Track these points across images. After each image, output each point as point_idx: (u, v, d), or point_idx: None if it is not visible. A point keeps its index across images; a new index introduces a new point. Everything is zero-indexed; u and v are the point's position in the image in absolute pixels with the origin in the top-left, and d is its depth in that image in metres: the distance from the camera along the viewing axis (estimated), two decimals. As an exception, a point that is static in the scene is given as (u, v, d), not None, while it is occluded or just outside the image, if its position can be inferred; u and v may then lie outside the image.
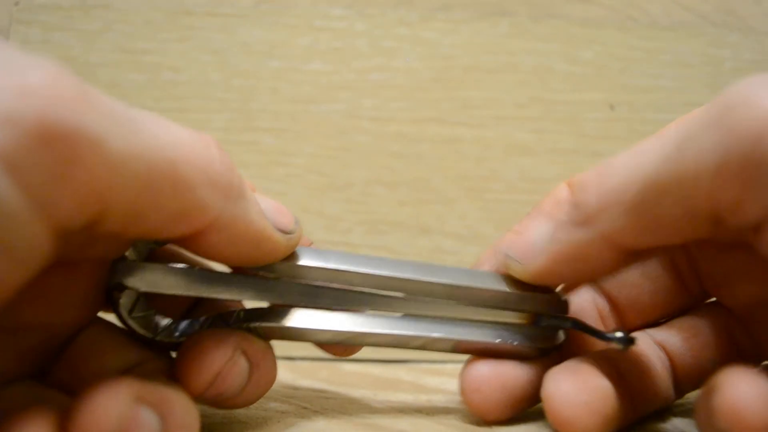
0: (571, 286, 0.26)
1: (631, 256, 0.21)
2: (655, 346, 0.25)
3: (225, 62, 0.43)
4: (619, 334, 0.22)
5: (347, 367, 0.35)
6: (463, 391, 0.23)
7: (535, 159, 0.43)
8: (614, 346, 0.22)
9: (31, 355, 0.20)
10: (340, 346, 0.24)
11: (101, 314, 0.22)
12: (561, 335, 0.25)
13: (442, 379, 0.33)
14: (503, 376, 0.23)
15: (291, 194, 0.42)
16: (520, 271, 0.24)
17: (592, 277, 0.24)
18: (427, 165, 0.43)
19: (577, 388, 0.21)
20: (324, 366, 0.35)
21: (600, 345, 0.24)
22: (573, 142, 0.43)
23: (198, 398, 0.20)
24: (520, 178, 0.43)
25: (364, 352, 0.27)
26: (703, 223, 0.18)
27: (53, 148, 0.14)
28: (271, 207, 0.21)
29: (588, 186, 0.21)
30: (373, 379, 0.32)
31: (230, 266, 0.22)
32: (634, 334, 0.25)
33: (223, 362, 0.20)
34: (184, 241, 0.19)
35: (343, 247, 0.41)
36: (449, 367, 0.37)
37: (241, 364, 0.21)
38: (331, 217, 0.42)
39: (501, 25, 0.44)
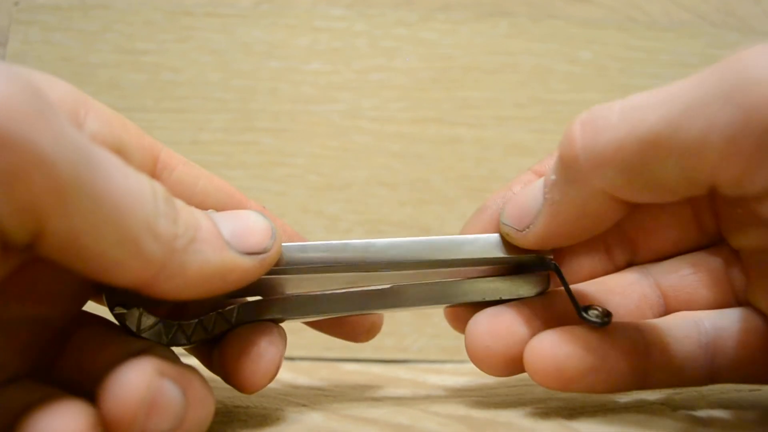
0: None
1: (634, 206, 0.21)
2: (649, 287, 0.25)
3: (224, 63, 0.43)
4: (594, 313, 0.22)
5: (346, 366, 0.35)
6: (468, 344, 0.23)
7: (535, 159, 0.43)
8: (590, 324, 0.22)
9: (26, 350, 0.20)
10: (364, 331, 0.26)
11: (95, 310, 0.22)
12: (546, 280, 0.25)
13: (441, 377, 0.33)
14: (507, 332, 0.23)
15: (291, 194, 0.42)
16: (519, 239, 0.23)
17: (597, 231, 0.23)
18: (427, 165, 0.43)
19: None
20: (323, 365, 0.35)
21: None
22: (573, 142, 0.43)
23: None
24: (520, 178, 0.43)
25: (364, 352, 0.27)
26: (700, 188, 0.18)
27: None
28: (238, 230, 0.20)
29: (576, 141, 0.20)
30: (373, 378, 0.32)
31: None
32: (633, 272, 0.25)
33: (281, 353, 0.22)
34: (139, 289, 0.18)
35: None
36: (448, 366, 0.37)
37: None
38: (330, 217, 0.42)
39: (501, 25, 0.44)
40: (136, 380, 0.16)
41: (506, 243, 0.24)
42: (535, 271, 0.25)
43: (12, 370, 0.19)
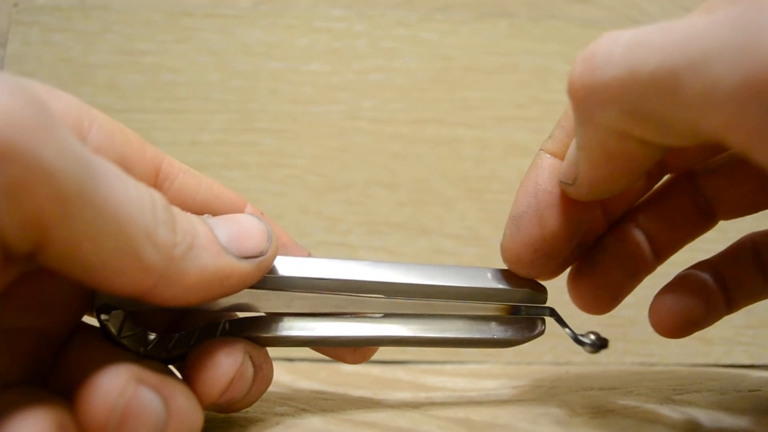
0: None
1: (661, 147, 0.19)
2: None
3: (224, 63, 0.43)
4: (591, 338, 0.23)
5: (346, 368, 0.35)
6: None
7: (534, 159, 0.43)
8: (586, 350, 0.23)
9: (25, 359, 0.20)
10: (352, 353, 0.25)
11: (89, 320, 0.22)
12: (541, 325, 0.25)
13: (441, 378, 0.33)
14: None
15: (290, 195, 0.42)
16: (574, 194, 0.23)
17: (640, 171, 0.21)
18: (427, 166, 0.43)
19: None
20: (323, 367, 0.35)
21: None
22: (573, 142, 0.43)
23: (209, 405, 0.21)
24: (520, 178, 0.42)
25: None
26: (712, 140, 0.17)
27: (3, 169, 0.14)
28: (235, 234, 0.20)
29: (576, 79, 0.19)
30: (372, 379, 0.32)
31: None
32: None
33: (236, 368, 0.21)
34: (139, 297, 0.18)
35: (343, 247, 0.41)
36: (448, 367, 0.37)
37: (249, 369, 0.21)
38: (330, 218, 0.42)
39: (500, 25, 0.44)
40: (110, 385, 0.16)
41: (505, 276, 0.24)
42: (532, 314, 0.25)
43: (9, 377, 0.19)
